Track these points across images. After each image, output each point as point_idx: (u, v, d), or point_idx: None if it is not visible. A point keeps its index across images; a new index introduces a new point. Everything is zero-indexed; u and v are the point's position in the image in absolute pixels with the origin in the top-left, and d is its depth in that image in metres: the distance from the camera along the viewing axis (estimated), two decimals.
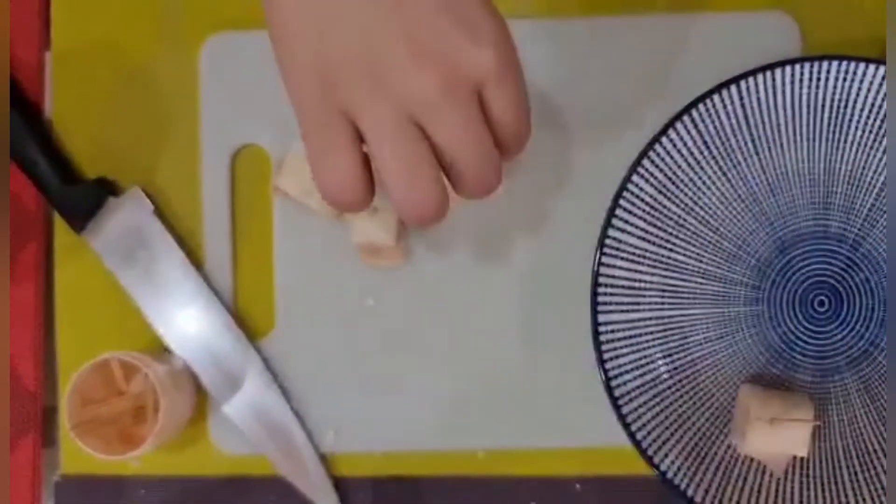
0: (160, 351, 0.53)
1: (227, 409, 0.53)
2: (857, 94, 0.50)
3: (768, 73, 0.49)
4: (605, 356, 0.50)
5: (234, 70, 0.54)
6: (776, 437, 0.48)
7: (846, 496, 0.50)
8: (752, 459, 0.50)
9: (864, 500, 0.49)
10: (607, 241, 0.50)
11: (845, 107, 0.50)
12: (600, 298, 0.50)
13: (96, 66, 0.55)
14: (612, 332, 0.50)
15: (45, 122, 0.55)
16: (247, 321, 0.54)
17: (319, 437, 0.53)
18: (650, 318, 0.51)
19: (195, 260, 0.54)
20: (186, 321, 0.53)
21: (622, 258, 0.50)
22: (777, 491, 0.50)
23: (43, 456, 0.54)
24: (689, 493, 0.49)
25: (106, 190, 0.54)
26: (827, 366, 0.51)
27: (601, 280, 0.50)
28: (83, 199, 0.53)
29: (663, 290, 0.51)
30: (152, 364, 0.50)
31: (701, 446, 0.50)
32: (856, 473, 0.50)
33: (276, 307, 0.54)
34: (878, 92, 0.49)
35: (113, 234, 0.53)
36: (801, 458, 0.50)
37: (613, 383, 0.49)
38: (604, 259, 0.50)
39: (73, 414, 0.49)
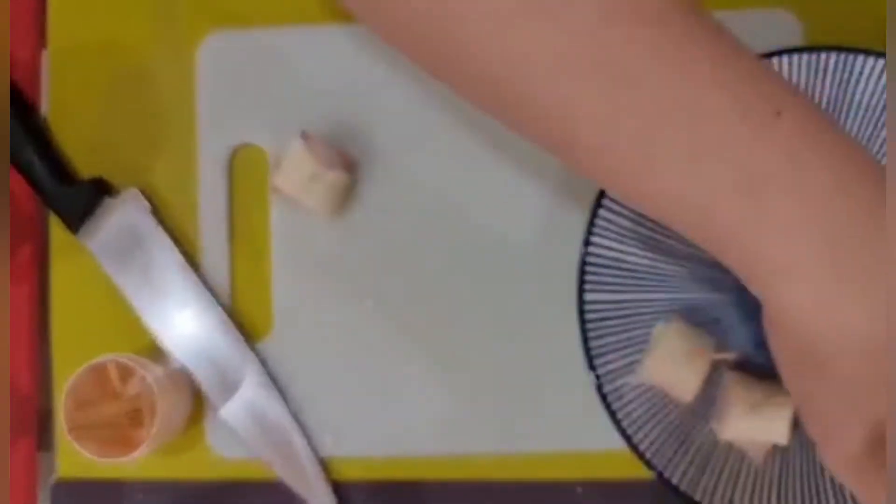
0: (157, 353, 0.53)
1: (225, 412, 0.52)
2: (857, 86, 0.49)
3: (766, 62, 0.49)
4: (590, 335, 0.49)
5: (231, 69, 0.54)
6: (757, 423, 0.47)
7: (825, 487, 0.49)
8: (731, 446, 0.50)
9: (842, 490, 0.49)
10: (597, 221, 0.49)
11: (844, 98, 0.50)
12: (587, 277, 0.49)
13: (93, 65, 0.55)
14: (598, 311, 0.49)
15: (41, 122, 0.55)
16: (244, 323, 0.53)
17: (318, 440, 0.53)
18: (637, 300, 0.50)
19: (192, 261, 0.53)
20: (183, 323, 0.53)
21: (612, 238, 0.50)
22: (756, 478, 0.49)
23: (39, 459, 0.54)
24: (667, 474, 0.48)
25: (102, 190, 0.53)
26: None
27: (589, 259, 0.49)
28: (79, 199, 0.53)
29: (652, 273, 0.50)
30: (149, 366, 0.49)
31: (682, 429, 0.50)
32: None
33: (273, 309, 0.53)
34: (877, 84, 0.49)
35: (109, 234, 0.53)
36: (781, 447, 0.49)
37: (597, 362, 0.49)
38: (593, 238, 0.49)
39: (68, 417, 0.49)
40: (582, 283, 0.49)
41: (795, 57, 0.49)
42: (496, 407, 0.52)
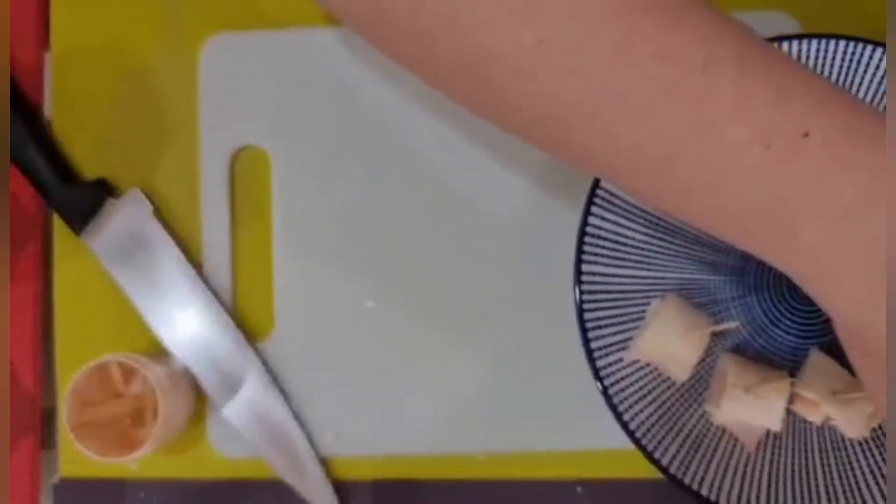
0: (159, 353, 0.53)
1: (226, 411, 0.52)
2: (863, 77, 0.49)
3: (775, 46, 0.48)
4: (585, 307, 0.49)
5: (234, 71, 0.54)
6: (751, 406, 0.47)
7: (815, 476, 0.49)
8: (723, 431, 0.50)
9: (832, 480, 0.49)
10: (598, 193, 0.49)
11: (850, 88, 0.49)
12: (586, 248, 0.49)
13: (96, 66, 0.55)
14: (595, 283, 0.49)
15: (45, 123, 0.55)
16: (246, 323, 0.54)
17: (319, 439, 0.53)
18: (635, 276, 0.50)
19: (194, 261, 0.54)
20: (185, 323, 0.53)
21: (612, 211, 0.50)
22: (747, 464, 0.49)
23: (41, 458, 0.54)
24: (657, 455, 0.48)
25: (105, 191, 0.53)
26: (809, 345, 0.51)
27: (588, 230, 0.49)
28: (82, 200, 0.53)
29: (651, 250, 0.50)
30: (151, 366, 0.49)
31: (674, 411, 0.49)
32: (827, 455, 0.49)
33: (275, 309, 0.53)
34: (883, 76, 0.49)
35: (112, 235, 0.53)
36: (773, 434, 0.49)
37: (591, 335, 0.49)
38: (594, 209, 0.49)
39: (71, 416, 0.49)
40: (580, 253, 0.49)
41: (805, 43, 0.48)
42: (496, 406, 0.52)
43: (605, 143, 0.35)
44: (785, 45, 0.48)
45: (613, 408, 0.48)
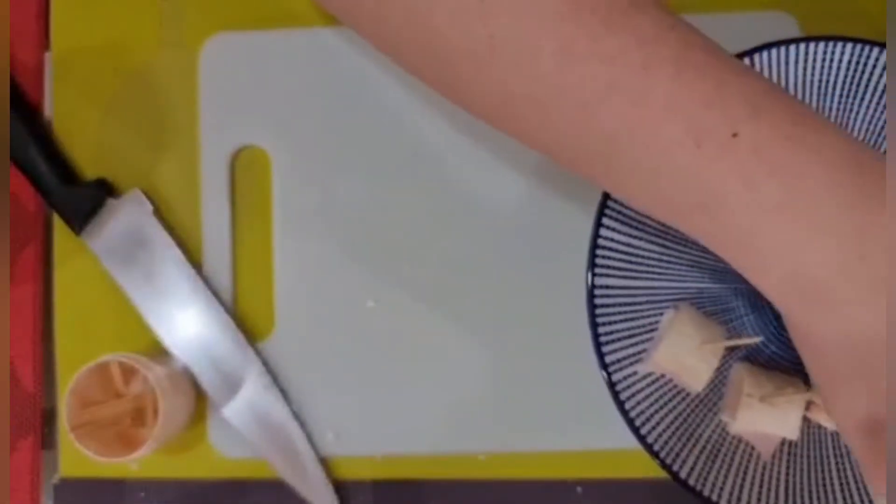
0: (159, 353, 0.53)
1: (227, 411, 0.52)
2: (870, 79, 0.49)
3: (783, 49, 0.48)
4: (599, 321, 0.49)
5: (233, 71, 0.54)
6: (767, 416, 0.47)
7: (831, 480, 0.49)
8: (739, 440, 0.49)
9: (848, 484, 0.49)
10: (609, 204, 0.49)
11: (856, 90, 0.49)
12: (598, 261, 0.49)
13: (96, 66, 0.55)
14: (607, 296, 0.49)
15: (45, 124, 0.55)
16: (246, 323, 0.54)
17: (319, 439, 0.53)
18: (647, 287, 0.50)
19: (195, 261, 0.54)
20: (186, 323, 0.53)
21: (623, 222, 0.50)
22: (764, 473, 0.49)
23: (42, 458, 0.54)
24: (675, 468, 0.48)
25: (105, 191, 0.53)
26: None
27: (600, 242, 0.49)
28: (82, 200, 0.53)
29: (662, 260, 0.50)
30: (151, 366, 0.50)
31: (690, 422, 0.49)
32: (842, 459, 0.49)
33: (275, 309, 0.53)
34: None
35: (112, 235, 0.53)
36: (789, 441, 0.49)
37: (605, 349, 0.49)
38: (604, 221, 0.49)
39: (71, 416, 0.49)
40: (592, 266, 0.49)
41: (812, 45, 0.48)
42: (496, 406, 0.52)
43: (554, 134, 0.37)
44: (793, 47, 0.48)
45: (630, 421, 0.48)
